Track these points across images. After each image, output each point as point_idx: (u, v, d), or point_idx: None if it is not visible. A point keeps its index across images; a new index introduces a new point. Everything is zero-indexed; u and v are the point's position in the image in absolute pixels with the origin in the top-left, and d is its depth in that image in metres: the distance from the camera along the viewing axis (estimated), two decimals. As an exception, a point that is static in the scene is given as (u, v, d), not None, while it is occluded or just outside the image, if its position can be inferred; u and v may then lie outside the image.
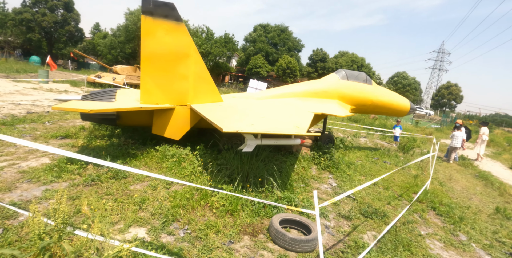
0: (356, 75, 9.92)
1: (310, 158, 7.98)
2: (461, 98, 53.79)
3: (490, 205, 7.43)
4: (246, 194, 4.77)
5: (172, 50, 6.35)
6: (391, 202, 5.95)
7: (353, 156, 9.82)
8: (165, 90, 6.52)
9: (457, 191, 8.12)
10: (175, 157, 6.21)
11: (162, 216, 4.00)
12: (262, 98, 8.43)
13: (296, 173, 6.67)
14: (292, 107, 7.46)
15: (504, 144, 21.20)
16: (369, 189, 6.52)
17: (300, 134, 4.32)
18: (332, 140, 9.66)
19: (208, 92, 6.88)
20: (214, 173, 5.29)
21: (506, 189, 8.99)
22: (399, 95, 11.14)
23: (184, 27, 6.38)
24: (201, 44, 44.34)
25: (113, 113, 6.71)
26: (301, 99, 8.75)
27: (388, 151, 11.58)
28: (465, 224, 5.49)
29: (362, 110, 10.13)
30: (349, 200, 5.75)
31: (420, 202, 6.37)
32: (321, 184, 6.44)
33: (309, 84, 9.27)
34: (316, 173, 7.18)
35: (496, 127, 34.24)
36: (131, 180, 5.16)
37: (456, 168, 11.62)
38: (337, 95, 9.29)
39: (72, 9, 52.97)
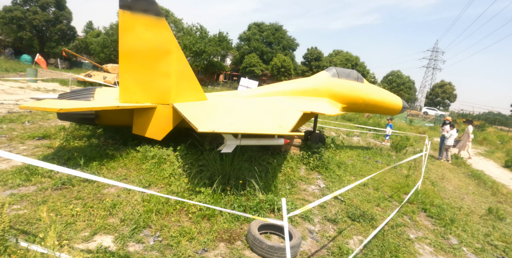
0: (347, 73, 9.69)
1: (299, 158, 7.75)
2: (454, 97, 53.99)
3: (482, 205, 7.26)
4: (226, 197, 4.51)
5: (153, 47, 6.05)
6: (380, 203, 5.73)
7: (344, 155, 9.60)
8: (146, 89, 6.23)
9: (449, 191, 7.94)
10: (156, 158, 5.93)
11: (132, 222, 3.73)
12: (250, 97, 8.17)
13: (283, 174, 6.43)
14: (279, 106, 7.21)
15: (497, 142, 21.19)
16: (358, 190, 6.29)
17: (282, 133, 4.08)
18: (323, 139, 9.44)
19: (191, 91, 6.60)
20: (193, 175, 5.02)
21: (499, 188, 8.85)
22: (391, 93, 10.94)
23: (165, 22, 6.09)
24: (195, 43, 43.92)
25: (91, 112, 6.42)
26: (290, 97, 8.51)
27: (380, 150, 11.39)
28: (456, 226, 5.29)
29: (354, 108, 9.92)
30: (337, 202, 5.52)
31: (411, 203, 6.17)
32: (308, 185, 6.20)
33: (299, 82, 9.03)
34: (305, 174, 6.94)
35: (489, 126, 34.35)
36: (105, 183, 4.87)
37: (449, 167, 11.47)
38: (328, 94, 9.06)
39: (64, 7, 52.21)
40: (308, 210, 4.84)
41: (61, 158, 5.49)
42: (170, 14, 50.85)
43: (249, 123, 4.52)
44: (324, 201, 5.41)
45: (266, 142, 4.63)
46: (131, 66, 6.01)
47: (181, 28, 50.46)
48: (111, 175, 5.19)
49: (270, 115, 5.63)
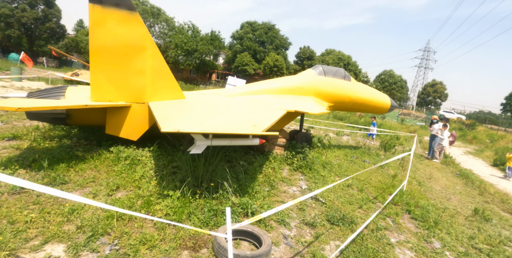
0: (334, 71, 9.49)
1: (283, 158, 7.51)
2: (446, 96, 54.40)
3: (469, 205, 7.11)
4: (196, 200, 4.25)
5: (126, 43, 5.76)
6: (363, 205, 5.52)
7: (331, 155, 9.40)
8: (119, 87, 5.93)
9: (436, 191, 7.79)
10: (129, 159, 5.64)
11: (90, 229, 3.44)
12: (233, 95, 7.91)
13: (264, 175, 6.18)
14: (261, 104, 6.98)
15: (486, 140, 21.26)
16: (341, 191, 6.08)
17: (254, 133, 3.83)
18: (309, 138, 9.23)
19: (168, 89, 6.31)
20: (164, 178, 4.75)
21: (486, 188, 8.73)
22: (379, 92, 10.78)
23: (139, 17, 5.80)
24: (187, 42, 43.49)
25: (61, 112, 6.10)
26: (275, 96, 8.27)
27: (369, 150, 11.23)
28: (440, 229, 5.10)
29: (341, 107, 9.72)
30: (318, 204, 5.29)
31: (395, 205, 5.98)
32: (290, 187, 5.97)
33: (284, 81, 8.80)
34: (287, 174, 6.71)
35: (480, 125, 34.60)
36: (70, 186, 4.58)
37: (438, 166, 11.36)
38: (314, 92, 8.85)
39: (53, 5, 51.25)
40: (285, 213, 4.62)
41: (26, 160, 5.17)
42: (161, 12, 50.27)
43: (221, 123, 4.27)
44: (304, 204, 5.20)
45: (239, 142, 4.39)
46: (103, 63, 5.71)
47: (172, 27, 49.96)
48: (78, 178, 4.89)
49: (247, 114, 5.39)
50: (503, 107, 46.34)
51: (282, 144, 7.99)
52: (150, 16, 48.08)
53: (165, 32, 50.64)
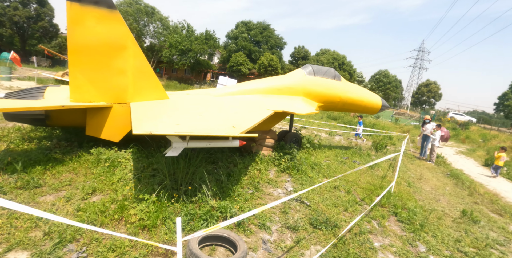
0: (324, 71, 9.40)
1: (270, 159, 7.40)
2: (440, 96, 54.68)
3: (458, 206, 7.04)
4: (173, 204, 4.12)
5: (106, 41, 5.59)
6: (349, 207, 5.42)
7: (321, 155, 9.30)
8: (99, 87, 5.77)
9: (425, 192, 7.72)
10: (109, 161, 5.49)
11: (58, 235, 3.29)
12: (221, 96, 7.78)
13: (249, 177, 6.06)
14: (248, 104, 6.85)
15: (479, 140, 21.33)
16: (327, 193, 5.97)
17: (232, 135, 3.70)
18: (299, 139, 9.13)
19: (150, 89, 6.15)
20: (142, 180, 4.60)
21: (476, 188, 8.69)
22: (370, 92, 10.70)
23: (119, 15, 5.63)
24: (182, 41, 43.21)
25: (40, 112, 5.93)
26: (264, 96, 8.16)
27: (360, 150, 11.15)
28: (426, 232, 5.01)
29: (331, 107, 9.63)
30: (302, 207, 5.17)
31: (382, 207, 5.88)
32: (275, 189, 5.85)
33: (273, 80, 8.68)
34: (274, 176, 6.59)
35: (473, 124, 34.78)
36: (45, 190, 4.42)
37: (429, 166, 11.32)
38: (303, 92, 8.74)
39: (46, 3, 50.64)
40: (267, 217, 4.50)
41: (0, 163, 4.99)
42: (156, 11, 49.91)
43: (199, 124, 4.13)
44: (288, 206, 5.08)
45: (218, 144, 4.26)
46: (82, 62, 5.54)
47: (167, 26, 49.64)
48: (54, 181, 4.72)
49: (230, 115, 5.26)
50: (496, 107, 46.70)
51: (270, 144, 7.87)
52: (144, 15, 47.72)
53: (160, 31, 50.32)
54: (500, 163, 11.22)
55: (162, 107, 5.44)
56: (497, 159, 11.25)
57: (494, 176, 11.25)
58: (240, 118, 4.91)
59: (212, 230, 3.37)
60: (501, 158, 11.17)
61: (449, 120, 35.70)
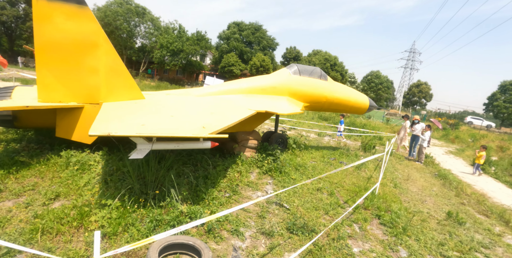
0: (310, 71, 9.23)
1: (253, 160, 7.18)
2: (430, 97, 55.21)
3: (444, 207, 6.91)
4: (138, 210, 3.87)
5: (75, 39, 5.31)
6: (330, 211, 5.22)
7: (307, 156, 9.12)
8: (70, 86, 5.49)
9: (412, 193, 7.57)
10: (79, 164, 5.21)
11: (5, 246, 3.02)
12: (202, 96, 7.54)
13: (228, 179, 5.83)
14: (228, 104, 6.65)
15: (468, 140, 21.43)
16: (309, 196, 5.78)
17: (199, 136, 3.48)
18: (284, 139, 8.94)
19: (124, 88, 5.89)
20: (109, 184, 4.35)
21: (463, 189, 8.59)
22: (357, 92, 10.58)
23: (89, 12, 5.37)
24: (173, 42, 42.86)
25: (7, 113, 5.64)
26: (247, 96, 7.94)
27: (347, 150, 11.01)
28: (409, 235, 4.84)
29: (317, 107, 9.46)
30: (282, 210, 4.96)
31: (366, 209, 5.70)
32: (254, 192, 5.63)
33: (257, 80, 8.47)
34: (255, 178, 6.38)
35: (463, 124, 35.07)
36: (4, 195, 4.13)
37: (417, 167, 11.22)
38: (288, 92, 8.56)
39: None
40: (241, 222, 4.27)
41: (-41, 167, 4.68)
42: (147, 12, 49.43)
43: (167, 125, 3.90)
44: (266, 210, 4.87)
45: (188, 146, 4.03)
46: (50, 60, 5.26)
47: (158, 27, 49.19)
48: (16, 185, 4.43)
49: (205, 115, 5.04)
50: (485, 107, 47.28)
51: (253, 145, 7.65)
52: (135, 16, 47.19)
53: (151, 32, 49.84)
54: (482, 161, 11.48)
55: (134, 108, 5.19)
56: (479, 158, 11.44)
57: (476, 174, 11.47)
58: (215, 119, 4.69)
59: (174, 238, 3.15)
60: (483, 156, 11.39)
61: (440, 120, 35.93)
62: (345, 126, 19.06)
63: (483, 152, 11.36)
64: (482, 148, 11.63)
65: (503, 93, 45.62)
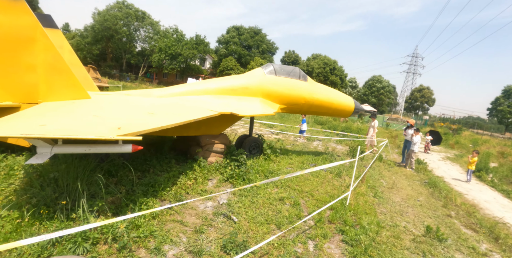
0: (287, 71, 8.66)
1: (216, 166, 6.60)
2: (433, 101, 54.11)
3: (426, 220, 6.22)
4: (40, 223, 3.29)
5: (9, 33, 4.83)
6: (284, 225, 4.58)
7: (285, 162, 8.51)
8: (4, 84, 4.99)
9: (392, 204, 6.89)
10: (7, 169, 4.68)
11: None
12: (163, 96, 7.01)
13: (178, 187, 5.25)
14: (183, 106, 6.10)
15: (469, 145, 20.56)
16: (269, 206, 5.15)
17: (105, 137, 2.92)
18: (260, 144, 8.34)
19: (65, 87, 5.36)
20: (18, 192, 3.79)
21: (453, 198, 7.86)
22: (341, 93, 9.97)
23: (25, 5, 4.90)
24: (171, 46, 42.77)
25: None
26: (214, 96, 7.39)
27: (332, 156, 10.36)
28: (372, 256, 4.17)
29: (295, 109, 8.86)
30: (228, 224, 4.35)
31: (331, 223, 5.05)
32: (205, 201, 5.02)
33: (227, 80, 7.92)
34: (214, 186, 5.78)
35: (466, 130, 34.09)
36: None
37: (407, 174, 10.51)
38: (261, 93, 7.98)
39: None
40: (168, 238, 3.67)
41: None
42: (146, 16, 49.60)
43: (75, 126, 3.35)
44: (209, 224, 4.26)
45: (102, 149, 3.46)
46: (-20, 56, 4.79)
47: (157, 31, 49.25)
48: None
49: (137, 116, 4.49)
50: (489, 112, 46.08)
51: (220, 150, 7.06)
52: (134, 20, 47.34)
53: (150, 36, 49.93)
54: (474, 168, 10.88)
55: (61, 108, 4.66)
56: (472, 164, 10.78)
57: (470, 181, 10.82)
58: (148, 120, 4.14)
59: None
60: (475, 162, 10.79)
61: (442, 125, 35.02)
62: (339, 131, 18.44)
63: (476, 157, 10.68)
64: (475, 152, 10.93)
65: (507, 98, 44.47)
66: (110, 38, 47.80)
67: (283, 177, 4.29)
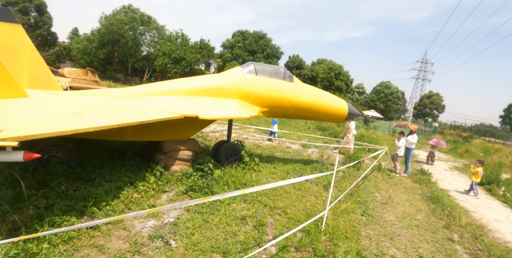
0: (270, 70, 7.84)
1: (180, 175, 5.77)
2: (443, 108, 52.25)
3: (423, 246, 5.23)
4: None
5: None
6: (233, 254, 3.69)
7: (267, 171, 7.62)
8: None
9: (384, 224, 5.90)
10: None
11: None
12: (125, 96, 6.25)
13: (120, 201, 4.43)
14: (136, 107, 5.31)
15: (479, 154, 19.21)
16: (225, 227, 4.27)
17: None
18: (238, 151, 7.48)
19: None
20: None
21: (457, 217, 6.81)
22: (334, 96, 9.06)
23: None
24: (175, 50, 42.56)
25: None
26: (183, 98, 6.60)
27: (323, 165, 9.42)
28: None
29: (280, 113, 7.99)
30: (163, 250, 3.48)
31: (298, 251, 4.14)
32: (146, 220, 4.18)
33: (200, 80, 7.13)
34: (167, 200, 4.94)
35: (478, 137, 32.48)
36: None
37: (407, 185, 9.45)
38: (239, 94, 7.16)
39: (44, 12, 51.00)
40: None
41: None
42: (152, 20, 49.74)
43: None
44: (137, 250, 3.41)
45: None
46: None
47: (163, 35, 49.28)
48: None
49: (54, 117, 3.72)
50: (501, 119, 44.08)
51: (186, 157, 6.24)
52: (139, 24, 47.48)
53: (155, 40, 49.99)
54: (479, 179, 9.51)
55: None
56: (474, 175, 9.50)
57: (472, 194, 9.62)
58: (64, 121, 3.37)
59: None
60: (479, 173, 9.42)
61: (452, 132, 33.52)
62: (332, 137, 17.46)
63: (479, 168, 9.48)
64: (479, 162, 9.79)
65: (521, 105, 42.47)
66: (116, 43, 48.03)
67: (245, 191, 3.44)
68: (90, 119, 3.69)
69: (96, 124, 3.44)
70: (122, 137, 5.85)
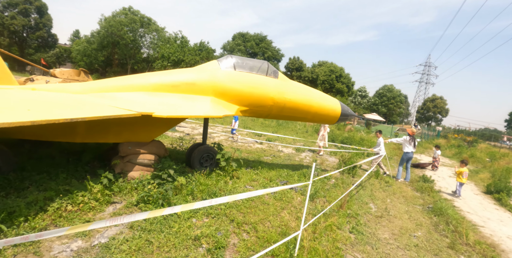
0: (251, 65, 7.02)
1: (136, 183, 4.95)
2: (446, 112, 51.01)
3: (421, 270, 4.32)
4: None
5: None
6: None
7: (247, 178, 6.79)
8: None
9: (376, 243, 5.00)
10: None
11: None
12: (79, 92, 5.46)
13: (48, 216, 3.60)
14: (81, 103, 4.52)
15: (485, 159, 18.17)
16: (169, 251, 3.42)
17: None
18: (213, 155, 6.65)
19: None
20: None
21: (464, 233, 5.87)
22: (325, 95, 8.22)
23: None
24: (174, 52, 42.10)
25: None
26: (149, 94, 5.80)
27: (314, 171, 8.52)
28: None
29: (262, 113, 7.15)
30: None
31: (261, 281, 3.27)
32: (71, 240, 3.34)
33: (169, 75, 6.30)
34: (111, 213, 4.11)
35: (482, 142, 31.34)
36: None
37: (407, 194, 8.53)
38: (213, 90, 6.35)
39: (45, 14, 50.93)
40: None
41: None
42: (152, 22, 49.44)
43: None
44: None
45: None
46: None
47: (162, 37, 48.92)
48: None
49: None
50: (507, 124, 42.85)
51: (148, 162, 5.41)
52: (139, 26, 47.17)
53: (155, 42, 49.64)
54: (464, 180, 9.30)
55: None
56: (459, 175, 9.32)
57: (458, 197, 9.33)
58: None
59: None
60: (463, 173, 9.24)
61: (456, 137, 32.43)
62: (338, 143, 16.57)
63: (463, 168, 9.26)
64: (462, 163, 9.63)
65: (529, 109, 41.27)
66: (116, 44, 47.75)
67: (204, 204, 2.61)
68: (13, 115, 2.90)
69: (12, 120, 2.66)
70: (72, 137, 5.06)
